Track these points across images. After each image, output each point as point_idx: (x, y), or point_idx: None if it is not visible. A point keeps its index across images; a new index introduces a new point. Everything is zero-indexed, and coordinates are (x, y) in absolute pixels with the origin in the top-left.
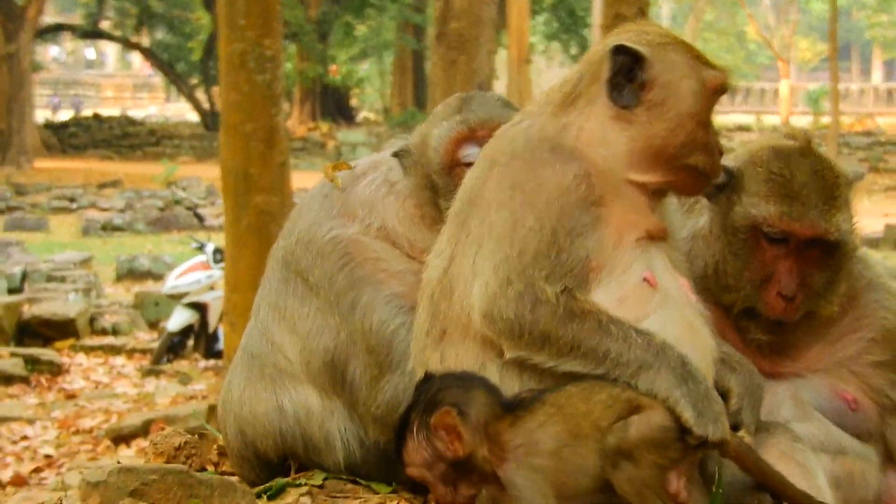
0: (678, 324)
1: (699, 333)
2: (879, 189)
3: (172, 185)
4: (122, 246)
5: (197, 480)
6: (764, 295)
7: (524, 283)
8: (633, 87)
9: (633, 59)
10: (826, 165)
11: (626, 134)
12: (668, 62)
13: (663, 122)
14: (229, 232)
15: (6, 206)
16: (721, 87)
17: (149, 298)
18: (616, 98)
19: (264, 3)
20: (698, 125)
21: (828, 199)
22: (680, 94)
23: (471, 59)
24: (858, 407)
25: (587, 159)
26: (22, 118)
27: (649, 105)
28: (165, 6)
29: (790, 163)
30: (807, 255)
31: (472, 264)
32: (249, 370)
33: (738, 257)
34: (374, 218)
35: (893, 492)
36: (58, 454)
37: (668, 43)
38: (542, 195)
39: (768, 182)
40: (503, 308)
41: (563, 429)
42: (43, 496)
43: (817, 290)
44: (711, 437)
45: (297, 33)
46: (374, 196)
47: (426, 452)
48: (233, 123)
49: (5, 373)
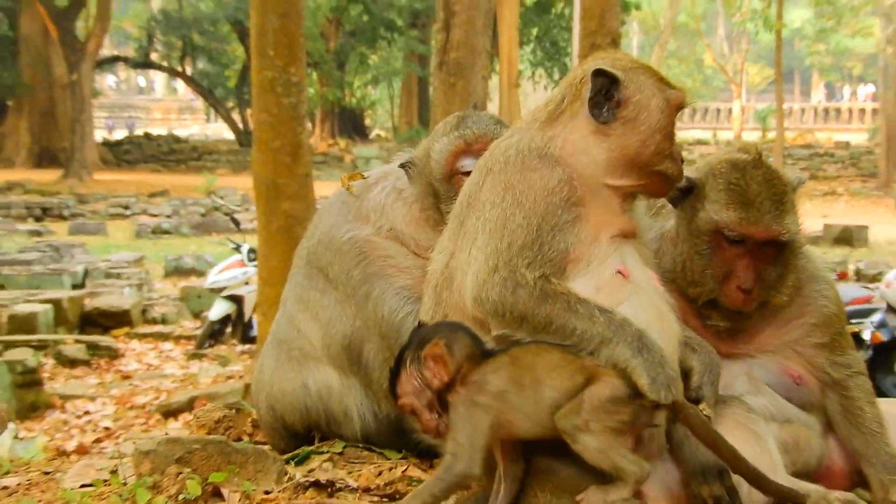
0: (648, 310)
1: (666, 319)
2: (819, 194)
3: (212, 194)
4: (169, 247)
5: (234, 449)
6: (725, 288)
7: (508, 270)
8: (610, 104)
9: (611, 80)
10: (775, 175)
11: (604, 145)
12: (638, 83)
13: (636, 134)
14: (261, 234)
15: (70, 213)
16: (681, 104)
17: (192, 292)
18: (597, 114)
19: (290, 37)
20: (665, 137)
21: (778, 205)
22: (650, 111)
23: (467, 84)
24: (802, 382)
25: (570, 166)
26: (83, 137)
27: (624, 120)
28: (205, 40)
29: (745, 174)
30: (761, 253)
31: (468, 256)
32: (278, 354)
33: (702, 256)
34: (385, 221)
35: (833, 454)
36: (115, 427)
37: (638, 67)
38: (531, 196)
39: (727, 191)
40: (489, 291)
41: (509, 376)
42: (102, 463)
43: (770, 283)
44: (664, 400)
45: (318, 62)
46: (384, 202)
47: (416, 382)
48: (263, 140)
49: (70, 357)
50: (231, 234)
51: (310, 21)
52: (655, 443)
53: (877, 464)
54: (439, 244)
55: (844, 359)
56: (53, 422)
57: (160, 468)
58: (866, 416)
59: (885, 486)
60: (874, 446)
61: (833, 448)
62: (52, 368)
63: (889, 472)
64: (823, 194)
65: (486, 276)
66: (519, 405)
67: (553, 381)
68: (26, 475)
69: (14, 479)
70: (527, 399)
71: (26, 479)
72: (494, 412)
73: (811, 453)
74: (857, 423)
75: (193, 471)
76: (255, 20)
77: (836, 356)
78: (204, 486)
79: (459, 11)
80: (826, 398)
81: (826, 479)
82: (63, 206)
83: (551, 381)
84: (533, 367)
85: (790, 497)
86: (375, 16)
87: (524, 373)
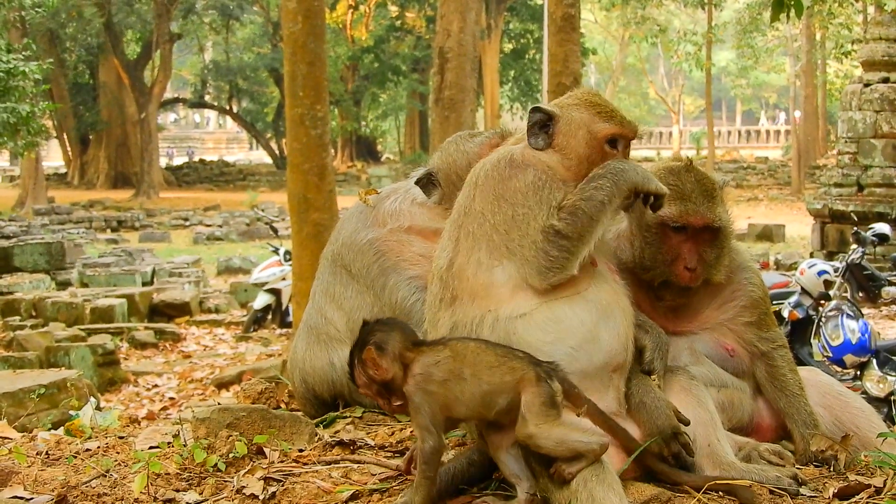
0: (608, 294)
1: (622, 301)
2: (743, 199)
3: (255, 207)
4: (221, 250)
5: (273, 415)
6: (674, 269)
7: (542, 236)
8: (546, 134)
9: (547, 116)
10: (704, 176)
11: (552, 160)
12: (569, 119)
13: (568, 159)
14: (295, 239)
15: (140, 224)
16: (612, 136)
17: (240, 286)
18: (532, 142)
19: (316, 80)
20: (591, 162)
21: (709, 198)
22: (577, 140)
23: (459, 116)
24: (735, 354)
25: (537, 167)
26: (150, 163)
27: (557, 147)
28: (248, 84)
29: (679, 176)
30: (700, 238)
31: (473, 248)
32: (308, 338)
33: (652, 246)
34: (401, 221)
35: (762, 413)
36: (178, 397)
37: (580, 104)
38: (520, 195)
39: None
40: (547, 263)
41: (451, 369)
42: (167, 428)
43: (710, 262)
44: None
45: (339, 100)
46: (399, 207)
47: (364, 377)
48: (296, 163)
49: (141, 341)
50: (270, 239)
51: (332, 67)
52: (620, 404)
53: (798, 420)
54: (440, 244)
55: (770, 334)
56: (128, 394)
57: (214, 432)
58: (789, 382)
59: (805, 438)
60: (796, 406)
61: (762, 408)
62: (126, 350)
63: (808, 428)
64: (747, 200)
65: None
66: (457, 394)
67: (487, 377)
68: (105, 439)
69: (95, 443)
70: (464, 390)
71: (105, 442)
72: (441, 397)
73: (744, 412)
74: (782, 387)
75: (241, 434)
76: (288, 68)
77: (763, 332)
78: (249, 447)
79: (451, 58)
80: (755, 367)
81: (756, 434)
82: (135, 219)
83: (486, 378)
84: (472, 364)
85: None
86: (384, 63)
87: (464, 368)
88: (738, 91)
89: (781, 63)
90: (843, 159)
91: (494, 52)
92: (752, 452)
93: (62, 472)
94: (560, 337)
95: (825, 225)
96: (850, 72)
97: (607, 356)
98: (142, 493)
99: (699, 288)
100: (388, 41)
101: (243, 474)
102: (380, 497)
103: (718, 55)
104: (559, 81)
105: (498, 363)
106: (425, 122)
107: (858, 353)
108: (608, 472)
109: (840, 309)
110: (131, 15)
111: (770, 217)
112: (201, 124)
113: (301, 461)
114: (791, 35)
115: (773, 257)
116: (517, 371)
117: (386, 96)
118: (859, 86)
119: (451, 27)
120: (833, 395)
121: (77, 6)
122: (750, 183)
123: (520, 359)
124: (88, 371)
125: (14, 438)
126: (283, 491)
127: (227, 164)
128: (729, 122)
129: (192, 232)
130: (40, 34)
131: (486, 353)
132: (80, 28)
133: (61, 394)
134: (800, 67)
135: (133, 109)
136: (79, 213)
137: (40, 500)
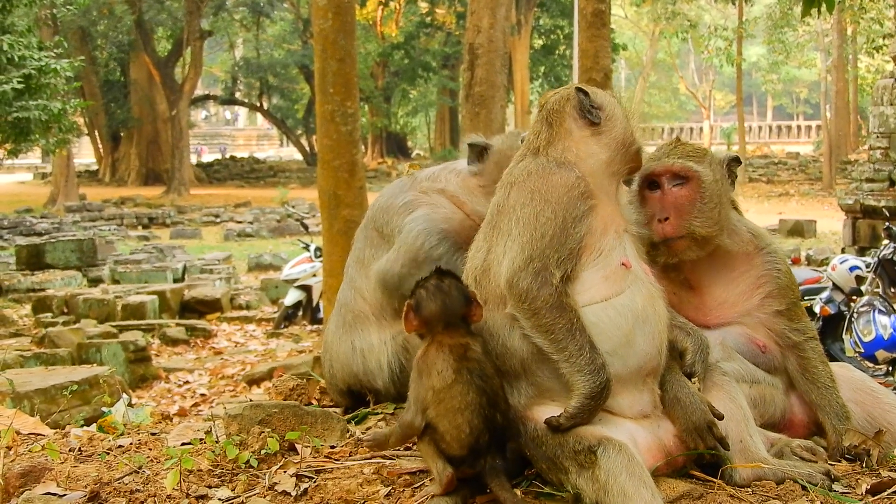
0: (644, 298)
1: (657, 305)
2: (775, 195)
3: (285, 204)
4: (251, 247)
5: (305, 412)
6: (653, 227)
7: (541, 263)
8: (594, 109)
9: (585, 94)
10: (688, 143)
11: (602, 143)
12: (597, 93)
13: (619, 125)
14: (325, 235)
15: (171, 221)
16: None
17: (271, 283)
18: (591, 117)
19: (346, 77)
20: (631, 122)
21: (682, 154)
22: (617, 108)
23: (489, 112)
24: (767, 350)
25: (580, 168)
26: (181, 160)
27: (607, 118)
28: (279, 81)
29: (665, 145)
30: (673, 192)
31: (504, 248)
32: (338, 318)
33: (637, 210)
34: (436, 184)
35: (794, 408)
36: (209, 393)
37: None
38: (555, 193)
39: (647, 160)
40: (522, 280)
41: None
42: (199, 424)
43: (687, 214)
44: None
45: (369, 97)
46: (437, 174)
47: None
48: (326, 160)
49: (173, 337)
50: (301, 235)
51: (362, 64)
52: (655, 406)
53: (830, 413)
54: (474, 244)
55: (800, 325)
56: (159, 390)
57: (246, 428)
58: (820, 373)
59: (838, 431)
60: (828, 398)
61: (794, 403)
62: (158, 347)
63: (840, 421)
64: (779, 195)
65: (522, 265)
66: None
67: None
68: (137, 436)
69: (127, 440)
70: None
71: (137, 439)
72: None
73: (776, 408)
74: (813, 379)
75: (273, 430)
76: (318, 64)
77: (794, 323)
78: (281, 443)
79: (482, 54)
80: (786, 359)
81: (788, 430)
82: (166, 216)
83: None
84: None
85: None
86: (414, 59)
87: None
88: (769, 86)
89: (812, 58)
90: (874, 154)
91: (524, 48)
92: (784, 448)
93: (95, 468)
94: (595, 342)
95: (856, 220)
96: (882, 67)
97: (642, 360)
98: (174, 490)
99: (707, 259)
100: (418, 37)
101: (275, 471)
102: (412, 493)
103: (749, 50)
104: (590, 77)
105: (461, 406)
106: (455, 119)
107: (890, 348)
108: (640, 467)
109: (872, 305)
110: (162, 12)
111: (801, 213)
112: (232, 121)
113: (333, 457)
114: (822, 30)
115: (805, 253)
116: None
117: (416, 93)
118: (891, 81)
119: (481, 23)
120: (865, 390)
121: (108, 3)
122: (781, 178)
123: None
124: (120, 368)
125: (47, 435)
126: (315, 487)
127: (257, 160)
128: (760, 118)
129: (223, 228)
130: (72, 32)
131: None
132: (112, 25)
133: (93, 390)
134: (831, 62)
135: (164, 106)
136: (110, 210)
137: (73, 496)
